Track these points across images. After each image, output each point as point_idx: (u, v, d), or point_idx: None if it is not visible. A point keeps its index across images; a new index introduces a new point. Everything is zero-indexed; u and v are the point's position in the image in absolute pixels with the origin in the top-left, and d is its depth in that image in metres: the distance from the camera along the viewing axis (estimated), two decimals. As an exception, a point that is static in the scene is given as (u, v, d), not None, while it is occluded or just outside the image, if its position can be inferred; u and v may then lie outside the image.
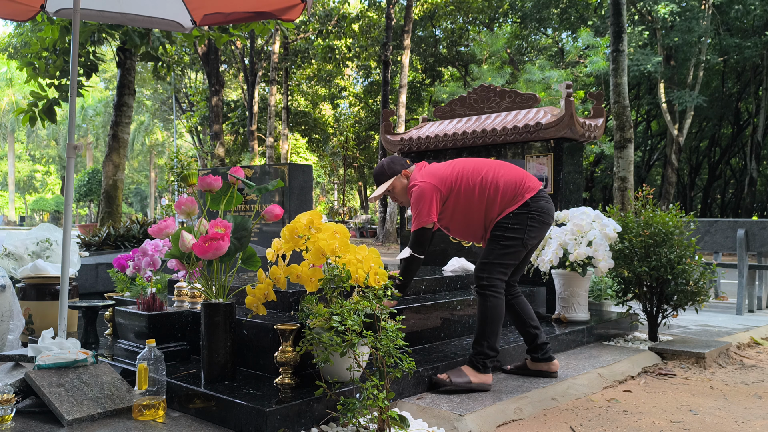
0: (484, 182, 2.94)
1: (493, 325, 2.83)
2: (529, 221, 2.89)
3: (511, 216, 2.90)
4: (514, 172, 2.99)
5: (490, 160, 3.08)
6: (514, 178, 2.95)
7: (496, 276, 2.87)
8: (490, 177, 2.95)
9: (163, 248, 3.44)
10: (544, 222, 2.94)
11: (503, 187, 2.92)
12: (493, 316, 2.83)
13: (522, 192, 2.91)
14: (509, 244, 2.88)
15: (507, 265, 2.91)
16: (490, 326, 2.83)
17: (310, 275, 2.43)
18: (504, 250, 2.89)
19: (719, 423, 2.59)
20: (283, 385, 2.29)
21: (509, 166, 3.04)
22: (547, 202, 2.97)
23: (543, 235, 2.98)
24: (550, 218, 2.97)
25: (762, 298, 6.25)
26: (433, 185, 2.94)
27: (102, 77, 37.01)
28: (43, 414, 2.29)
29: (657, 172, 26.95)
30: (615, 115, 10.55)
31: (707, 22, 17.45)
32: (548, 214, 2.95)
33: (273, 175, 5.22)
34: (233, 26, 7.69)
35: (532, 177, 3.02)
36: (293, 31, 21.18)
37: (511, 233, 2.88)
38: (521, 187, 2.92)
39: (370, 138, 28.49)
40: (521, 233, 2.88)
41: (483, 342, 2.82)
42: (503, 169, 3.00)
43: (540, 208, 2.92)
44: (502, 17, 22.96)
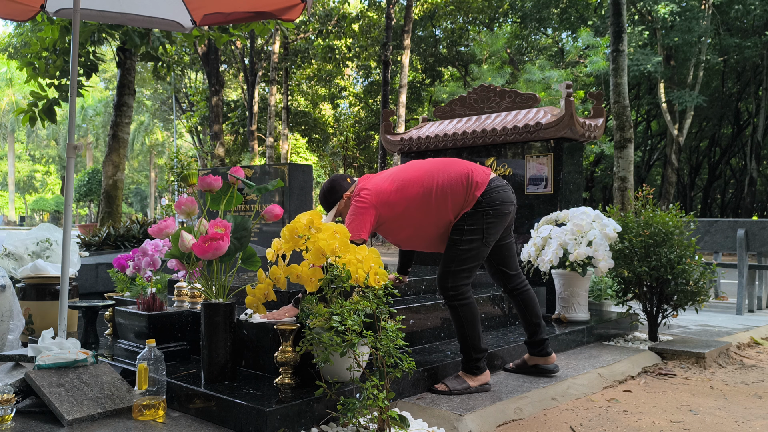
0: (428, 192, 2.80)
1: (472, 330, 2.78)
2: (485, 218, 2.78)
3: (465, 217, 2.79)
4: (457, 171, 2.83)
5: (431, 163, 2.92)
6: (458, 177, 2.80)
7: (461, 282, 2.78)
8: (435, 184, 2.81)
9: (163, 248, 3.44)
10: (501, 213, 2.81)
11: (450, 191, 2.79)
12: (469, 323, 2.78)
13: (472, 190, 2.78)
14: (468, 247, 2.78)
15: (470, 268, 2.80)
16: (469, 332, 2.78)
17: (310, 275, 2.43)
18: (465, 254, 2.78)
19: (719, 423, 2.59)
20: (283, 385, 2.29)
21: (451, 164, 2.88)
22: (501, 191, 2.82)
23: (505, 224, 2.86)
24: (507, 206, 2.83)
25: (762, 298, 6.25)
26: (371, 203, 2.81)
27: (102, 77, 37.04)
28: (43, 414, 2.29)
29: (657, 172, 26.95)
30: (615, 115, 10.55)
31: (707, 22, 17.45)
32: (504, 204, 2.81)
33: (273, 175, 5.23)
34: (233, 26, 7.69)
35: (477, 169, 2.86)
36: (293, 31, 21.18)
37: (469, 235, 2.78)
38: (469, 185, 2.79)
39: (370, 138, 28.50)
40: (479, 233, 2.78)
41: (468, 349, 2.79)
42: (446, 170, 2.84)
43: (494, 201, 2.79)
44: (502, 17, 22.96)
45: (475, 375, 2.79)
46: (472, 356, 2.79)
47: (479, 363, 2.79)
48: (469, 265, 2.80)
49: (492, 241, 2.84)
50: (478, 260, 2.82)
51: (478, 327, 2.79)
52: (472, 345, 2.78)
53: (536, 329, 3.03)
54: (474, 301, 2.82)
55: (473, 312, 2.79)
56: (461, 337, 2.80)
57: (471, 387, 2.76)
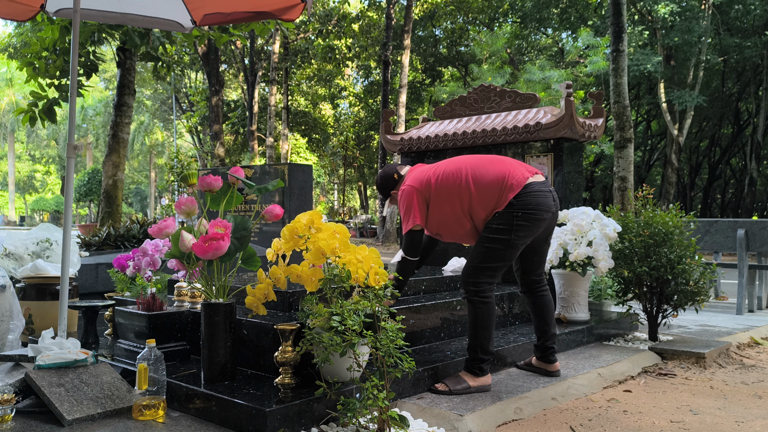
0: (461, 187, 2.85)
1: (484, 330, 2.79)
2: (515, 220, 2.76)
3: (496, 216, 2.80)
4: (495, 170, 2.84)
5: (473, 159, 2.95)
6: (495, 177, 2.81)
7: (483, 280, 2.80)
8: (469, 180, 2.84)
9: (163, 248, 3.44)
10: (533, 218, 2.78)
11: (483, 189, 2.82)
12: (483, 322, 2.79)
13: (505, 192, 2.78)
14: (494, 246, 2.79)
15: (494, 267, 2.81)
16: (481, 332, 2.79)
17: (310, 275, 2.43)
18: (489, 252, 2.80)
19: (719, 423, 2.59)
20: (283, 385, 2.29)
21: (492, 163, 2.89)
22: (537, 195, 2.79)
23: (537, 230, 2.83)
24: (541, 212, 2.79)
25: (762, 298, 6.24)
26: (414, 188, 2.92)
27: (102, 77, 37.03)
28: (43, 414, 2.29)
29: (657, 172, 26.95)
30: (615, 115, 10.55)
31: (707, 22, 17.45)
32: (538, 209, 2.78)
33: (273, 175, 5.23)
34: (233, 26, 7.69)
35: (517, 171, 2.84)
36: (293, 31, 21.18)
37: (496, 234, 2.79)
38: (504, 186, 2.79)
39: (370, 138, 28.50)
40: (507, 234, 2.77)
41: (477, 348, 2.80)
42: (484, 168, 2.86)
43: (527, 205, 2.76)
44: (502, 17, 22.96)
45: (476, 376, 2.78)
46: (477, 356, 2.79)
47: (483, 365, 2.79)
48: (492, 264, 2.81)
49: (521, 244, 2.83)
50: (503, 261, 2.82)
51: (490, 328, 2.80)
52: (481, 345, 2.79)
53: (543, 334, 3.05)
54: (493, 303, 2.83)
55: (490, 312, 2.80)
56: (472, 335, 2.81)
57: (471, 387, 2.76)
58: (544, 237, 2.96)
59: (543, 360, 3.09)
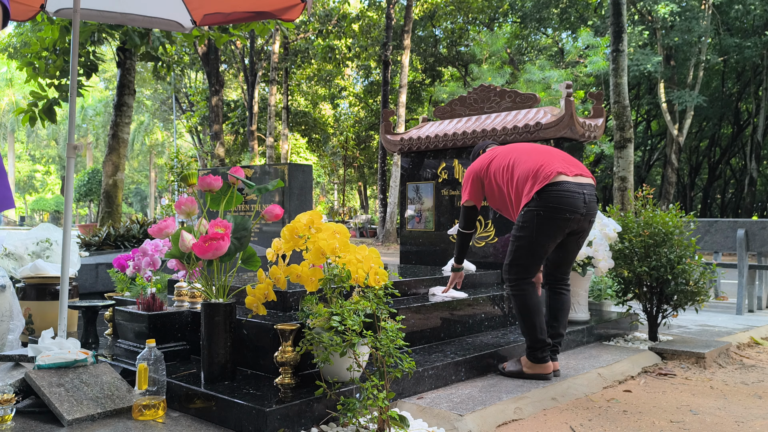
0: (505, 172, 2.99)
1: (526, 320, 2.92)
2: (536, 218, 2.78)
3: (522, 212, 2.86)
4: (530, 163, 2.87)
5: (523, 147, 3.05)
6: (528, 169, 2.85)
7: (514, 275, 2.93)
8: (511, 166, 2.97)
9: (163, 248, 3.44)
10: (556, 217, 2.76)
11: (517, 181, 2.91)
12: (522, 313, 2.93)
13: (533, 185, 2.80)
14: (518, 244, 2.90)
15: (523, 264, 2.91)
16: (524, 322, 2.93)
17: (310, 275, 2.43)
18: (515, 250, 2.92)
19: (719, 423, 2.59)
20: (283, 385, 2.29)
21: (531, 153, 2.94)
22: (564, 195, 2.75)
23: (562, 229, 2.82)
24: (564, 212, 2.76)
25: (762, 298, 6.24)
26: (473, 169, 3.18)
27: (102, 77, 37.01)
28: (43, 414, 2.28)
29: (657, 172, 26.95)
30: (615, 115, 10.55)
31: (707, 22, 17.45)
32: (560, 207, 2.75)
33: (273, 175, 5.23)
34: (233, 26, 7.69)
35: (552, 165, 2.81)
36: (293, 31, 21.18)
37: (519, 232, 2.88)
38: (533, 179, 2.81)
39: (370, 138, 28.50)
40: (528, 231, 2.82)
41: (526, 338, 2.96)
42: (527, 155, 2.94)
43: (549, 202, 2.75)
44: (502, 17, 22.97)
45: (532, 363, 2.93)
46: (529, 344, 2.94)
47: (536, 353, 2.91)
48: (520, 261, 2.92)
49: (545, 242, 2.86)
50: (530, 257, 2.90)
51: (531, 319, 2.90)
52: (527, 334, 2.93)
53: (551, 332, 3.05)
54: (528, 295, 2.92)
55: (525, 304, 2.91)
56: (520, 326, 2.99)
57: (524, 372, 2.93)
58: (575, 238, 2.95)
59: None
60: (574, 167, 2.88)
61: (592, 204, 2.87)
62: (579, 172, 2.88)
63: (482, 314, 3.68)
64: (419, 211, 5.21)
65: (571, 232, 2.89)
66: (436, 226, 5.10)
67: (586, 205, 2.83)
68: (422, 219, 5.18)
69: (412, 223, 5.26)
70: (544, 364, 2.93)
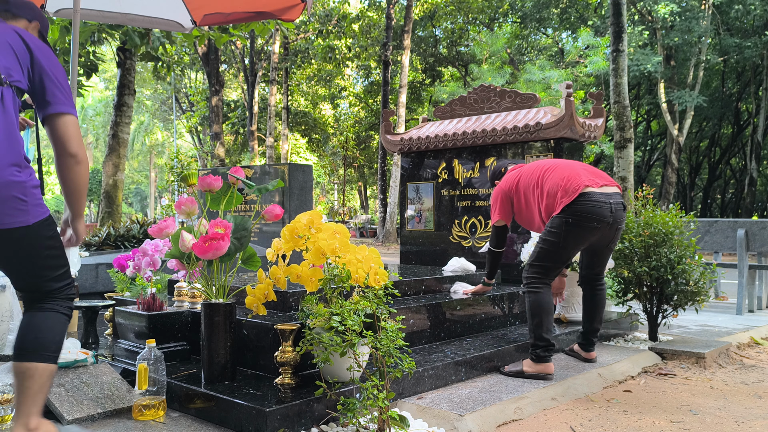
0: (534, 189, 3.17)
1: (534, 318, 3.05)
2: (565, 225, 2.97)
3: (553, 219, 3.04)
4: (558, 178, 3.07)
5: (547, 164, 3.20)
6: (556, 184, 3.05)
7: (533, 275, 3.09)
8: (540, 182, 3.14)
9: (163, 248, 3.44)
10: (584, 225, 2.96)
11: (547, 196, 3.09)
12: (532, 311, 3.07)
13: (562, 198, 2.99)
14: (544, 247, 3.06)
15: (545, 266, 3.07)
16: (532, 320, 3.07)
17: (310, 275, 2.43)
18: (540, 252, 3.08)
19: (719, 423, 2.59)
20: (283, 385, 2.29)
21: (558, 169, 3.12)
22: (592, 205, 2.94)
23: (589, 237, 3.02)
24: (591, 220, 2.95)
25: (762, 298, 6.24)
26: (501, 189, 3.34)
27: (102, 77, 37.01)
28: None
29: (657, 172, 26.96)
30: (615, 115, 10.55)
31: (707, 22, 17.45)
32: (588, 216, 2.94)
33: (273, 175, 5.23)
34: (233, 26, 7.69)
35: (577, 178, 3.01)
36: (293, 31, 21.18)
37: (547, 236, 3.05)
38: (562, 192, 3.00)
39: (370, 138, 28.50)
40: (556, 237, 3.00)
41: (531, 335, 3.08)
42: (551, 174, 3.12)
43: (577, 212, 2.95)
44: (502, 17, 22.97)
45: (534, 362, 3.01)
46: (533, 342, 3.04)
47: (538, 351, 3.00)
48: (543, 262, 3.08)
49: (571, 247, 3.05)
50: (553, 260, 3.07)
51: (540, 317, 3.04)
52: (533, 332, 3.05)
53: (587, 326, 3.36)
54: (543, 294, 3.07)
55: (538, 303, 3.06)
56: (528, 324, 3.12)
57: (524, 372, 3.01)
58: (605, 243, 3.14)
59: (581, 347, 3.40)
60: (600, 179, 3.07)
61: (619, 212, 3.05)
62: (605, 182, 3.05)
63: (482, 314, 3.68)
64: (419, 211, 5.22)
65: (602, 237, 3.08)
66: (436, 226, 5.10)
67: (613, 213, 3.01)
68: (422, 219, 5.18)
69: (412, 223, 5.27)
70: (546, 363, 3.00)
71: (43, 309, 1.82)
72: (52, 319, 1.81)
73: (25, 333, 1.78)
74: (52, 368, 1.79)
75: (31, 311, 1.82)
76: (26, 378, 1.73)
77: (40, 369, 1.75)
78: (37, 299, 1.81)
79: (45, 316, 1.81)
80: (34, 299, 1.82)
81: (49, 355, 1.78)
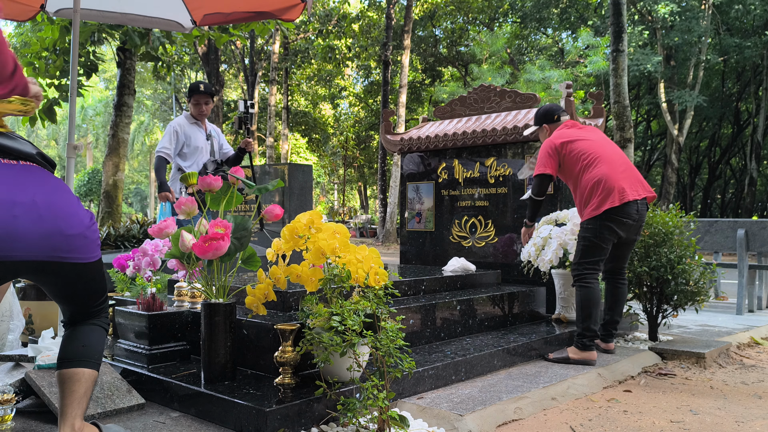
0: (581, 162, 3.38)
1: (584, 310, 3.33)
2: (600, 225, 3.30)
3: (590, 220, 3.32)
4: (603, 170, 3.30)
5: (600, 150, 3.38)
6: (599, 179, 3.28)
7: (581, 270, 3.36)
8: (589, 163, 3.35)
9: (163, 248, 3.44)
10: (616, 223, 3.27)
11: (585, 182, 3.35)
12: (583, 303, 3.33)
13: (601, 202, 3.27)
14: (586, 244, 3.34)
15: (590, 261, 3.34)
16: (582, 311, 3.34)
17: (310, 275, 2.43)
18: (584, 250, 3.36)
19: (719, 423, 2.59)
20: (283, 385, 2.29)
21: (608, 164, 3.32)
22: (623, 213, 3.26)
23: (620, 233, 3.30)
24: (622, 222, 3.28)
25: (762, 298, 6.24)
26: (552, 143, 3.48)
27: (102, 77, 37.01)
28: (43, 414, 2.29)
29: (657, 172, 26.95)
30: (615, 115, 10.55)
31: (707, 22, 17.45)
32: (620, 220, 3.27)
33: (273, 175, 5.23)
34: (233, 26, 7.69)
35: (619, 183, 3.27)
36: (293, 31, 21.18)
37: (584, 233, 3.37)
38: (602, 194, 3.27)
39: (370, 138, 28.50)
40: (592, 233, 3.32)
41: (579, 325, 3.34)
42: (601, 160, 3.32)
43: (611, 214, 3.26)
44: (502, 17, 22.97)
45: (579, 350, 3.30)
46: (580, 332, 3.32)
47: (585, 340, 3.29)
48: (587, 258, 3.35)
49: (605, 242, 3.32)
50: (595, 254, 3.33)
51: (590, 309, 3.32)
52: (582, 322, 3.33)
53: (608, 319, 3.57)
54: (593, 288, 3.33)
55: (588, 296, 3.33)
56: (577, 314, 3.40)
57: (570, 359, 3.29)
58: (630, 238, 3.42)
59: (601, 339, 3.57)
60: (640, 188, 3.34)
61: (643, 212, 3.37)
62: (644, 193, 3.34)
63: (482, 314, 3.68)
64: (419, 211, 5.22)
65: (628, 233, 3.36)
66: (436, 226, 5.10)
67: (639, 213, 3.33)
68: (422, 219, 5.18)
69: (412, 223, 5.27)
70: (591, 351, 3.29)
71: (86, 324, 1.97)
72: (96, 332, 1.96)
73: (70, 343, 1.93)
74: (95, 375, 1.92)
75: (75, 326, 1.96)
76: (73, 382, 1.86)
77: (87, 374, 1.89)
78: (80, 319, 1.97)
79: (90, 329, 1.96)
80: (77, 319, 1.97)
81: (94, 362, 1.92)
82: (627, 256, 3.54)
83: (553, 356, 3.36)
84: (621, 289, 3.55)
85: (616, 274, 3.56)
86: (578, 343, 3.32)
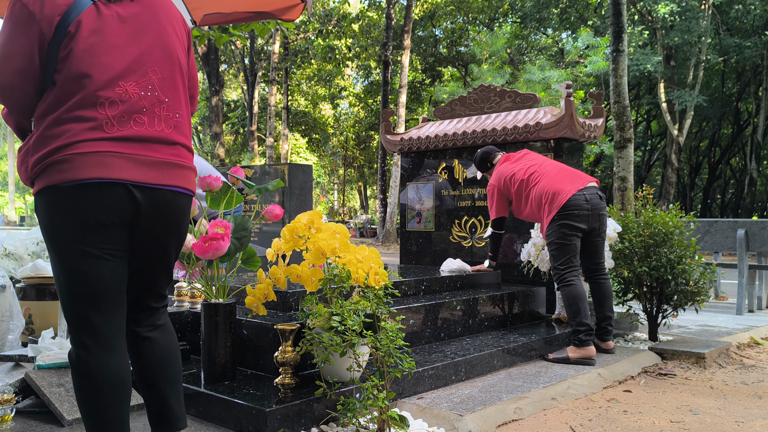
0: (523, 190, 3.62)
1: (572, 307, 3.41)
2: (555, 224, 3.44)
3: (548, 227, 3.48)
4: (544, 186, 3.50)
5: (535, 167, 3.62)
6: (542, 193, 3.50)
7: (560, 272, 3.46)
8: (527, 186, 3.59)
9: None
10: (569, 217, 3.39)
11: (533, 200, 3.56)
12: (569, 300, 3.42)
13: (550, 210, 3.44)
14: (554, 248, 3.47)
15: (563, 260, 3.44)
16: (570, 309, 3.42)
17: (310, 275, 2.43)
18: (553, 254, 3.48)
19: (719, 423, 2.59)
20: (283, 385, 2.29)
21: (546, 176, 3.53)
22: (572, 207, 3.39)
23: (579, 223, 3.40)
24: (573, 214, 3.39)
25: (762, 298, 6.24)
26: (494, 186, 3.75)
27: (102, 77, 36.95)
28: (43, 414, 2.29)
29: (657, 172, 26.95)
30: (615, 115, 10.55)
31: (707, 22, 17.45)
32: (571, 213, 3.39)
33: (273, 175, 5.23)
34: (233, 26, 7.69)
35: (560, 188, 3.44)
36: (293, 31, 21.17)
37: (549, 239, 3.49)
38: (549, 205, 3.45)
39: (370, 138, 28.49)
40: (555, 236, 3.45)
41: (572, 322, 3.41)
42: (540, 180, 3.53)
43: (564, 217, 3.40)
44: (502, 17, 22.96)
45: (577, 347, 3.33)
46: (574, 329, 3.38)
47: (581, 335, 3.33)
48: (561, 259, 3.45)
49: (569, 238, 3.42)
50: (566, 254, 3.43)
51: (578, 305, 3.39)
52: (573, 319, 3.40)
53: (599, 316, 3.58)
54: (574, 284, 3.42)
55: (572, 292, 3.42)
56: (567, 313, 3.48)
57: (570, 358, 3.32)
58: (593, 230, 3.47)
59: (598, 338, 3.57)
60: (577, 181, 3.46)
61: (594, 200, 3.44)
62: (581, 185, 3.45)
63: (482, 314, 3.68)
64: (419, 211, 5.21)
65: (589, 224, 3.43)
66: (436, 226, 5.10)
67: (588, 201, 3.42)
68: (422, 219, 5.18)
69: (412, 223, 5.26)
70: (588, 347, 3.31)
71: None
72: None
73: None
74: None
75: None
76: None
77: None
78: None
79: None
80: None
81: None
82: (600, 249, 3.57)
83: (552, 356, 3.38)
84: (604, 285, 3.59)
85: (594, 271, 3.60)
86: (575, 340, 3.36)
